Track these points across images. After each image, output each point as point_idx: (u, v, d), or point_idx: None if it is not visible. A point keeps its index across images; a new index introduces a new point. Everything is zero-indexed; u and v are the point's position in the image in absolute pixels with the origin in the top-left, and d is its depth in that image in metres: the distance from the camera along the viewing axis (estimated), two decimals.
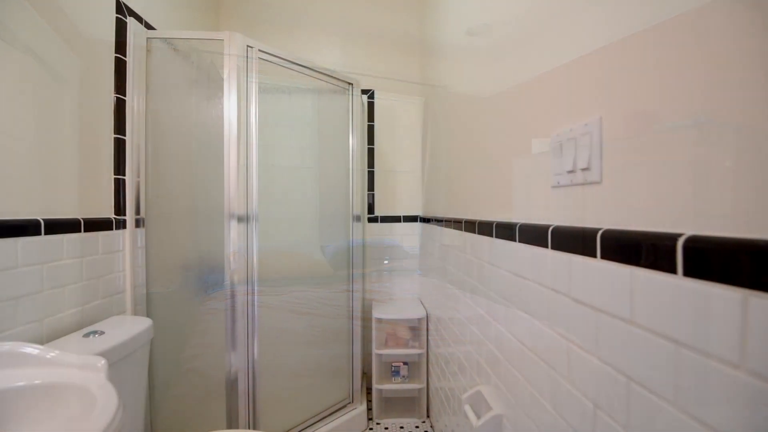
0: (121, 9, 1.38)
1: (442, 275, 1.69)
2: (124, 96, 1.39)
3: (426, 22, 2.16)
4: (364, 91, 2.36)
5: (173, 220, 1.52)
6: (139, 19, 1.48)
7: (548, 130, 0.74)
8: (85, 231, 1.19)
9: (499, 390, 0.99)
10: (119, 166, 1.36)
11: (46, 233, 1.04)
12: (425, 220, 2.15)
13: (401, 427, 2.00)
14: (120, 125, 1.37)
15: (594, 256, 0.57)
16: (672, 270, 0.43)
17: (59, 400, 0.71)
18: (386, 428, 1.99)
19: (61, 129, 1.12)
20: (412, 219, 2.37)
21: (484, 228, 1.10)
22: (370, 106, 2.38)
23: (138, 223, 1.43)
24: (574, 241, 0.62)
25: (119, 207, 1.36)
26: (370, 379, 2.21)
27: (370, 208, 2.37)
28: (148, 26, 1.54)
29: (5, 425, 0.69)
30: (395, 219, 2.37)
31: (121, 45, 1.37)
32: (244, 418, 1.50)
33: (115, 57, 1.35)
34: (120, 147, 1.37)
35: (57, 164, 1.11)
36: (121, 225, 1.37)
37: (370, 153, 2.38)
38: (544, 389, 0.74)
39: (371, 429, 1.98)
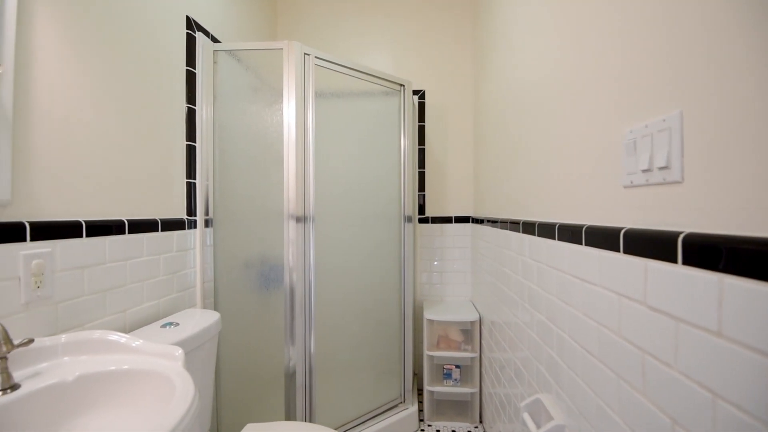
0: (191, 25, 1.49)
1: (496, 277, 1.65)
2: (194, 105, 1.49)
3: (479, 16, 2.12)
4: (415, 92, 2.36)
5: (237, 221, 1.61)
6: (206, 33, 1.59)
7: (618, 125, 0.70)
8: (161, 230, 1.30)
9: (560, 399, 0.96)
10: (190, 170, 1.47)
11: (129, 232, 1.15)
12: (477, 220, 2.11)
13: (453, 431, 1.98)
14: (191, 133, 1.48)
15: (674, 261, 0.53)
16: None
17: (144, 385, 0.78)
18: (438, 431, 1.98)
19: (141, 138, 1.23)
20: (463, 219, 2.34)
21: (544, 230, 1.06)
22: (421, 107, 2.37)
23: (207, 224, 1.54)
24: (651, 245, 0.58)
25: (191, 208, 1.47)
26: (421, 380, 2.21)
27: (421, 209, 2.37)
28: (214, 39, 1.65)
29: (99, 404, 0.77)
30: (446, 220, 2.35)
31: (191, 58, 1.48)
32: (302, 410, 1.55)
33: (186, 70, 1.46)
34: (191, 153, 1.48)
35: (138, 170, 1.21)
36: (193, 225, 1.48)
37: (421, 153, 2.38)
38: (612, 401, 0.70)
39: (422, 430, 1.98)
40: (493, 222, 1.70)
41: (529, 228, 1.19)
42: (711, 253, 0.47)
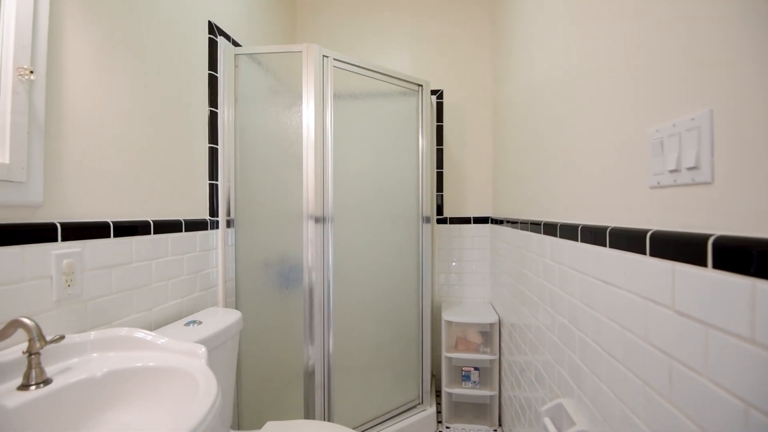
0: (213, 30, 1.52)
1: (516, 279, 1.62)
2: (217, 108, 1.53)
3: (497, 14, 2.09)
4: (433, 92, 2.35)
5: (257, 221, 1.64)
6: (227, 37, 1.62)
7: (643, 124, 0.68)
8: (185, 231, 1.33)
9: (582, 404, 0.93)
10: (213, 172, 1.51)
11: (154, 233, 1.18)
12: (497, 221, 2.08)
13: None
14: (213, 135, 1.51)
15: (704, 265, 0.51)
16: None
17: (169, 382, 0.81)
18: None
19: (166, 141, 1.26)
20: (482, 220, 2.32)
21: (566, 231, 1.04)
22: (439, 106, 2.36)
23: (228, 224, 1.57)
24: (679, 247, 0.56)
25: (213, 209, 1.50)
26: (439, 382, 2.20)
27: (439, 209, 2.36)
28: (235, 43, 1.68)
29: (125, 399, 0.79)
30: (465, 220, 2.33)
31: (213, 62, 1.51)
32: (320, 409, 1.57)
33: (209, 74, 1.49)
34: (213, 155, 1.51)
35: (163, 172, 1.25)
36: (215, 225, 1.51)
37: (439, 153, 2.36)
38: (637, 407, 0.68)
39: None
40: (512, 223, 1.68)
41: (550, 229, 1.17)
42: (742, 256, 0.45)
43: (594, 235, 0.86)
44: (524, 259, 1.49)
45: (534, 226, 1.34)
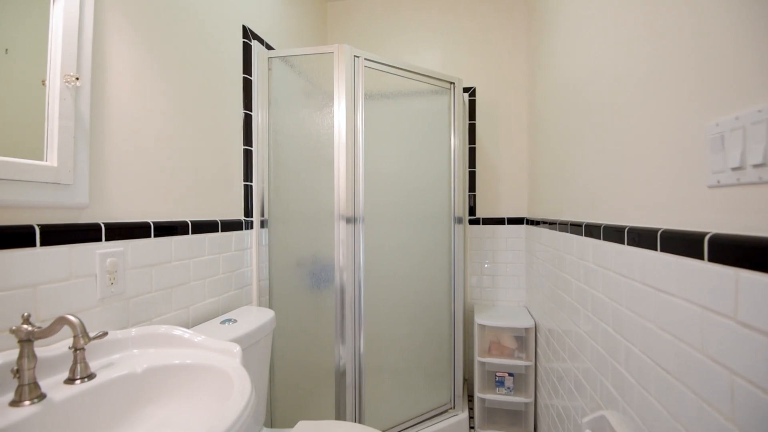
0: (247, 34, 1.55)
1: (554, 283, 1.56)
2: (251, 111, 1.56)
3: (532, 7, 2.02)
4: (465, 89, 2.30)
5: (290, 221, 1.66)
6: (261, 41, 1.65)
7: (699, 118, 0.63)
8: (221, 231, 1.36)
9: (628, 417, 0.88)
10: (247, 173, 1.54)
11: (192, 233, 1.22)
12: (532, 222, 2.01)
13: None
14: (248, 137, 1.54)
15: None
16: None
17: (204, 379, 0.82)
18: None
19: (203, 144, 1.30)
20: (517, 221, 2.24)
21: (611, 233, 0.98)
22: (472, 104, 2.31)
23: (262, 224, 1.60)
24: (743, 252, 0.51)
25: (247, 210, 1.54)
26: (471, 386, 2.15)
27: (472, 210, 2.31)
28: (268, 47, 1.71)
29: (164, 395, 0.81)
30: (498, 221, 2.27)
31: (247, 66, 1.54)
32: (351, 410, 1.56)
33: (243, 77, 1.52)
34: (248, 157, 1.54)
35: (201, 173, 1.28)
36: (249, 226, 1.54)
37: (472, 152, 2.31)
38: (692, 425, 0.63)
39: None
40: (550, 224, 1.61)
41: (592, 231, 1.11)
42: None
43: (642, 238, 0.80)
44: (563, 262, 1.42)
45: (574, 228, 1.28)
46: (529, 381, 1.91)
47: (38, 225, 0.76)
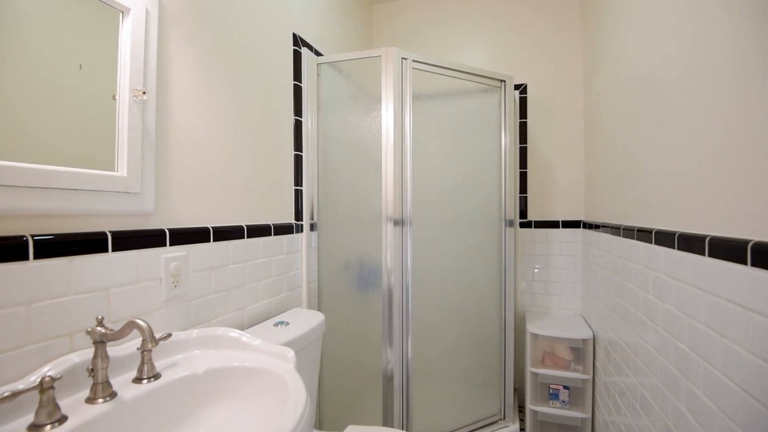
0: (297, 42, 1.58)
1: (616, 292, 1.45)
2: (301, 117, 1.59)
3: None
4: (516, 87, 2.22)
5: (338, 224, 1.67)
6: (310, 47, 1.67)
7: None
8: (274, 234, 1.40)
9: None
10: (298, 178, 1.57)
11: (247, 236, 1.26)
12: (590, 226, 1.89)
13: None
14: (298, 142, 1.57)
15: None
16: None
17: (260, 383, 0.84)
18: None
19: (257, 150, 1.34)
20: (572, 224, 2.12)
21: (687, 242, 0.89)
22: (522, 102, 2.21)
23: (312, 227, 1.63)
24: None
25: (298, 213, 1.57)
26: (522, 397, 2.06)
27: (522, 213, 2.21)
28: (317, 53, 1.73)
29: (222, 397, 0.84)
30: (552, 224, 2.16)
31: (297, 73, 1.57)
32: (398, 415, 1.55)
33: (294, 84, 1.55)
34: (298, 162, 1.57)
35: (255, 179, 1.32)
36: (299, 229, 1.57)
37: (523, 152, 2.22)
38: None
39: None
40: (613, 228, 1.51)
41: (664, 239, 1.02)
42: None
43: (728, 250, 0.72)
44: (627, 271, 1.32)
45: (641, 234, 1.18)
46: (586, 395, 1.80)
47: (110, 232, 0.81)
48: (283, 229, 1.46)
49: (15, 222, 0.65)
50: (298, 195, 1.57)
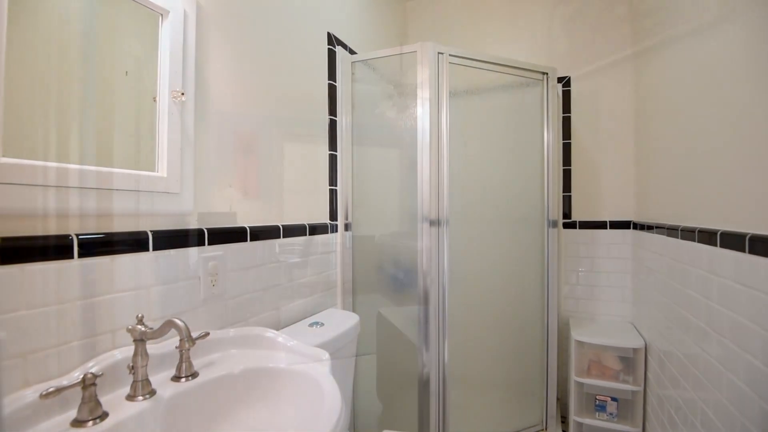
0: (332, 41, 1.57)
1: (672, 299, 1.34)
2: (335, 117, 1.58)
3: None
4: (559, 79, 2.10)
5: (372, 224, 1.65)
6: (344, 46, 1.66)
7: None
8: (309, 234, 1.39)
9: None
10: (333, 178, 1.56)
11: (283, 236, 1.26)
12: (642, 226, 1.76)
13: None
14: (332, 142, 1.56)
15: None
16: None
17: (296, 385, 0.83)
18: None
19: (292, 151, 1.34)
20: (621, 225, 1.99)
21: (758, 245, 0.79)
22: (566, 95, 2.10)
23: (346, 227, 1.62)
24: None
25: (333, 213, 1.56)
26: (565, 407, 1.95)
27: (566, 213, 2.10)
28: (351, 51, 1.72)
29: (258, 398, 0.83)
30: (599, 225, 2.03)
31: (332, 72, 1.56)
32: (434, 420, 1.51)
33: (328, 83, 1.55)
34: (333, 161, 1.56)
35: (290, 179, 1.32)
36: (334, 229, 1.57)
37: (566, 148, 2.10)
38: None
39: None
40: (669, 229, 1.39)
41: (732, 241, 0.92)
42: None
43: None
44: (686, 276, 1.21)
45: (703, 236, 1.08)
46: (636, 408, 1.68)
47: (151, 231, 0.83)
48: (318, 229, 1.45)
49: (61, 221, 0.67)
50: (333, 195, 1.56)
